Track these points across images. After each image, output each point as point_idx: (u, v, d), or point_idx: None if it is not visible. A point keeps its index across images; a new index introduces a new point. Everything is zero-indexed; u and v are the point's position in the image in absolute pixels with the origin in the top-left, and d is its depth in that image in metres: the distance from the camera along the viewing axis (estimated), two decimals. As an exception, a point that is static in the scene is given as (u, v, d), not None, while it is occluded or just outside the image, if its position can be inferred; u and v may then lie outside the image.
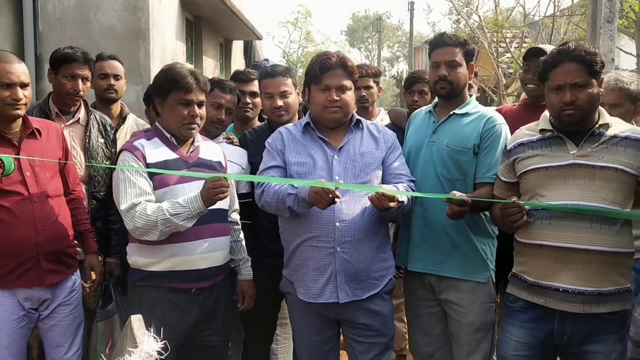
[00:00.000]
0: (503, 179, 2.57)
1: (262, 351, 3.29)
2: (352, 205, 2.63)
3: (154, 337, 1.96)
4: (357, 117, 2.83)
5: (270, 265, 2.99)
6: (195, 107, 2.65)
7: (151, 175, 2.60)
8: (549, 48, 3.49)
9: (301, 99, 3.23)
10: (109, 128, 3.40)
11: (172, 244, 2.59)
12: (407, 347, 4.15)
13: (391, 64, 48.44)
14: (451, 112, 2.85)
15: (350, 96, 2.73)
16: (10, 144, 2.61)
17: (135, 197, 2.53)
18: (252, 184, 3.02)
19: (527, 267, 2.43)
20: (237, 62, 12.25)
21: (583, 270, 2.27)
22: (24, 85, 2.60)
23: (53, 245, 2.67)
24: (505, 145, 2.58)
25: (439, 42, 2.84)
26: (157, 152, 2.64)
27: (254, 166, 3.10)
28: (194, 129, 2.69)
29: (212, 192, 2.48)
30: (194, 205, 2.50)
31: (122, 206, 2.54)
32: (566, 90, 2.30)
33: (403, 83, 4.10)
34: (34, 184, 2.63)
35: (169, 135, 2.69)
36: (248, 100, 3.43)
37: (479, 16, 14.84)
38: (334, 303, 2.64)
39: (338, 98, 2.68)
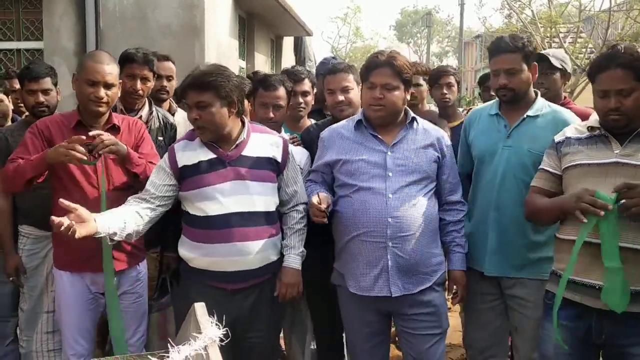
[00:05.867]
0: (550, 170, 2.53)
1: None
2: (404, 200, 2.66)
3: (216, 324, 2.05)
4: (413, 114, 2.84)
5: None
6: (191, 109, 2.60)
7: (185, 176, 2.64)
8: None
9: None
10: (169, 127, 3.51)
11: (205, 244, 2.62)
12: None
13: (440, 59, 47.84)
14: (524, 116, 2.81)
15: (396, 95, 2.71)
16: (90, 137, 2.74)
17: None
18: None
19: (565, 264, 2.39)
20: (288, 58, 12.32)
21: None
22: (108, 85, 2.74)
23: None
24: (554, 139, 2.56)
25: (496, 49, 2.80)
26: (194, 153, 2.65)
27: None
28: (198, 132, 2.64)
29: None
30: None
31: None
32: (611, 97, 2.29)
33: (428, 78, 4.07)
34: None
35: None
36: (300, 100, 3.44)
37: (532, 11, 14.55)
38: (386, 297, 2.67)
39: (382, 96, 2.68)
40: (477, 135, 2.99)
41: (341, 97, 3.18)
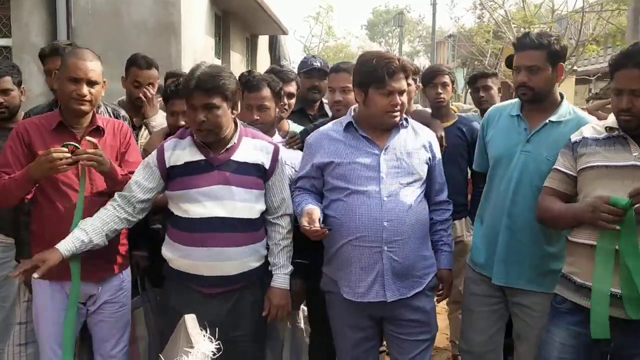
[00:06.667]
0: (564, 170, 2.46)
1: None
2: (399, 203, 2.61)
3: (209, 337, 1.95)
4: (404, 115, 2.78)
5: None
6: (197, 111, 2.51)
7: (172, 176, 2.60)
8: None
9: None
10: (122, 120, 3.28)
11: (185, 246, 2.58)
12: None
13: (411, 59, 48.18)
14: (546, 121, 2.69)
15: (405, 98, 2.69)
16: (73, 139, 2.64)
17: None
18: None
19: (576, 268, 2.37)
20: (263, 57, 12.24)
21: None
22: (91, 83, 2.64)
23: None
24: (570, 138, 2.49)
25: (520, 45, 2.69)
26: (183, 153, 2.60)
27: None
28: (201, 133, 2.56)
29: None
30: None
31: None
32: (624, 96, 2.24)
33: (421, 78, 4.00)
34: (87, 180, 2.65)
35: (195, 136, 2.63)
36: (285, 100, 3.37)
37: (505, 11, 14.70)
38: (381, 302, 2.62)
39: (401, 102, 2.64)
40: (495, 135, 2.88)
41: (339, 97, 3.22)
